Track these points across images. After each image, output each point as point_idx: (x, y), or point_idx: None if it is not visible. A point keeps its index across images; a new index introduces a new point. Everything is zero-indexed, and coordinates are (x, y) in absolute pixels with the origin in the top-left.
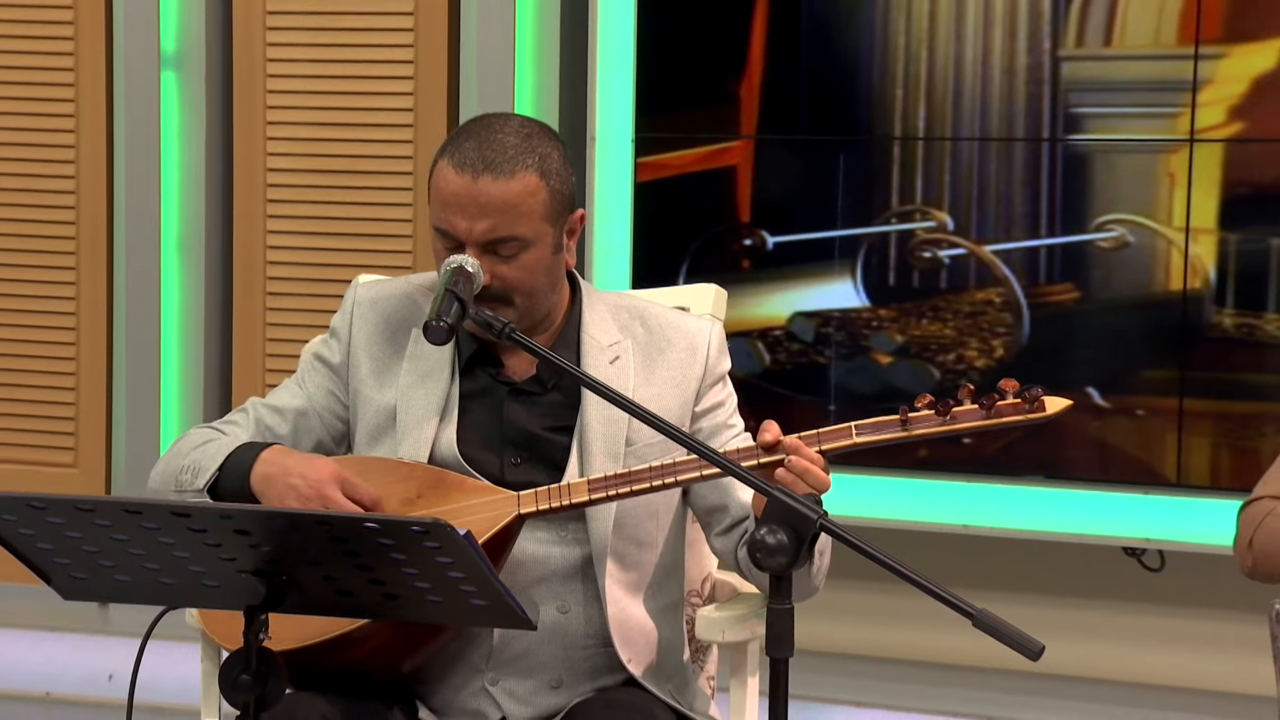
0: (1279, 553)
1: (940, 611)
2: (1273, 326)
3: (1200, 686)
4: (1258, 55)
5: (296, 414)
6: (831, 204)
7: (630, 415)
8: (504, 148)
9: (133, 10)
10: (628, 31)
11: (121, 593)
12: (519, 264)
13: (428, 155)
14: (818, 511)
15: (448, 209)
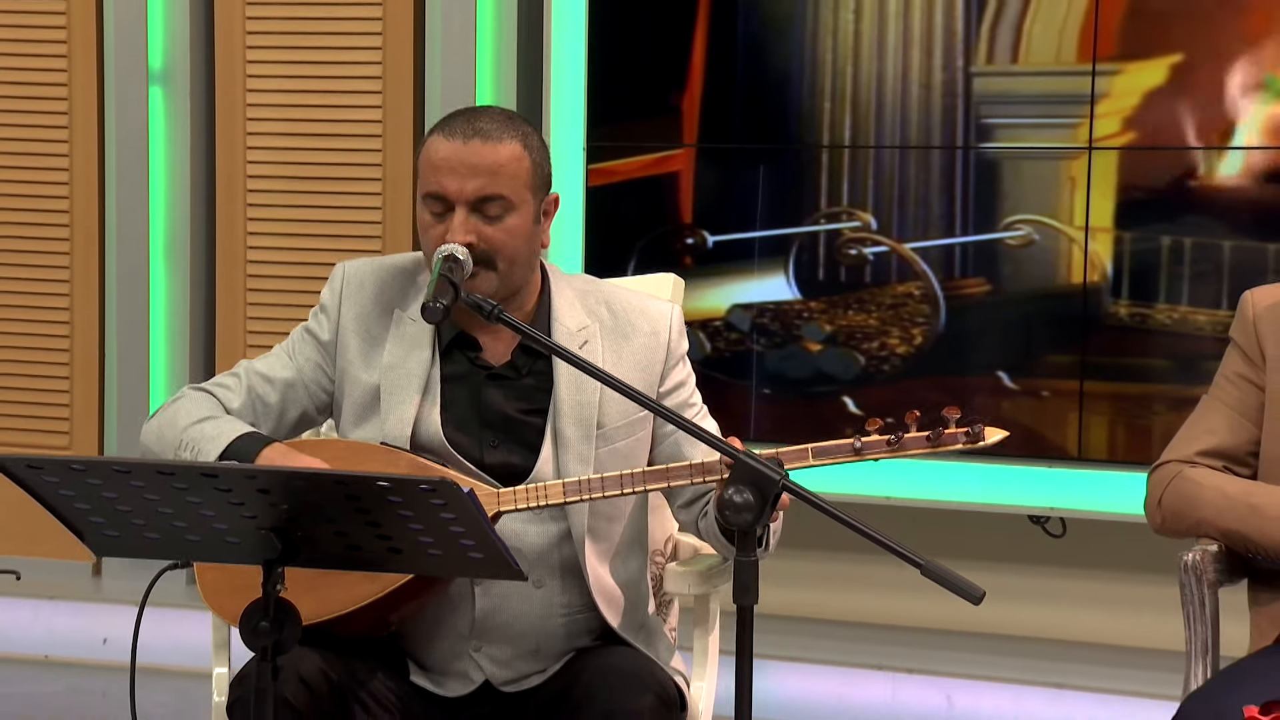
0: (1185, 511)
1: (876, 578)
2: (1163, 316)
3: (1099, 641)
4: (1149, 72)
5: (285, 385)
6: (766, 206)
7: (601, 399)
8: (491, 120)
9: (122, 30)
10: (579, 50)
11: (150, 549)
12: (504, 227)
13: (395, 163)
14: (780, 473)
15: (439, 173)
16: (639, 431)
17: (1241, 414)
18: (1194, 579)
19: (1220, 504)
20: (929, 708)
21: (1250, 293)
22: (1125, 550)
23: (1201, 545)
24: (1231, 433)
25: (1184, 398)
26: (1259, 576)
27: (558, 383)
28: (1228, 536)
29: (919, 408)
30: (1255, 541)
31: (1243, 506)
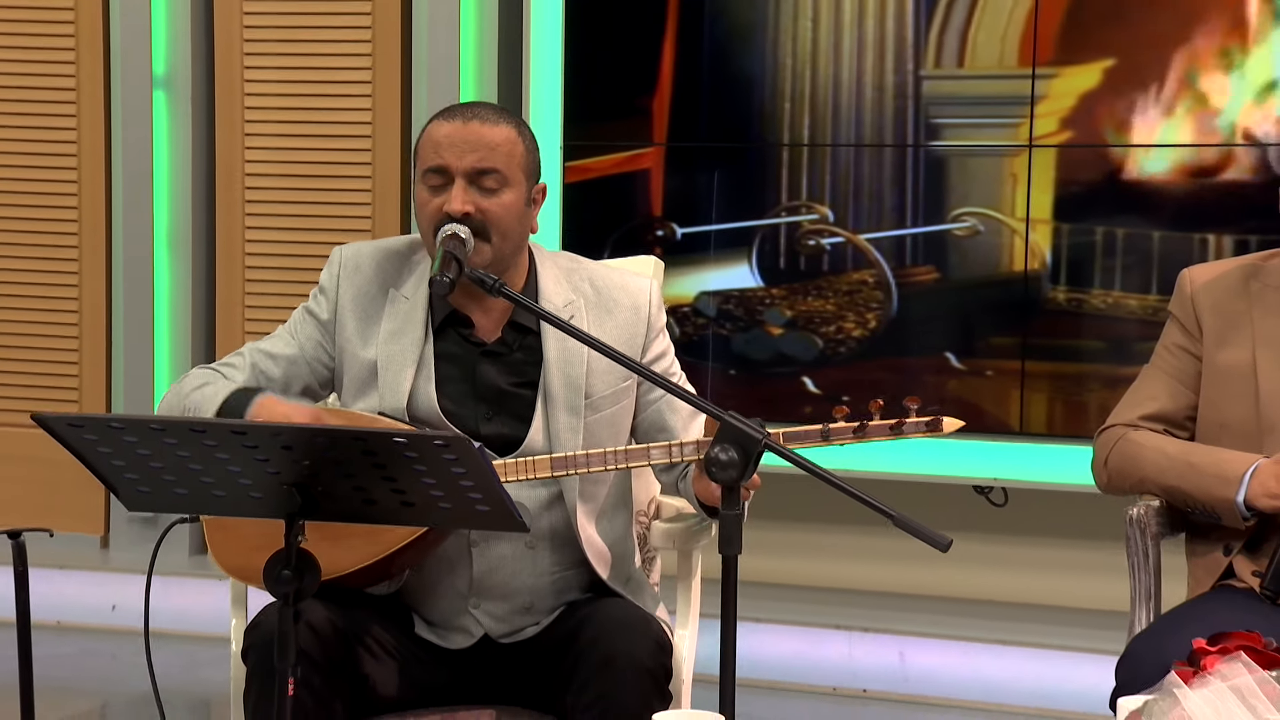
0: (1129, 470)
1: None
2: (1098, 301)
3: (1040, 602)
4: (1084, 75)
5: (288, 361)
6: (730, 200)
7: (587, 370)
8: (488, 108)
9: (128, 38)
10: (556, 57)
11: (179, 504)
12: (499, 200)
13: (384, 162)
14: (762, 432)
15: (440, 148)
16: (624, 400)
17: (1180, 381)
18: (1138, 532)
19: (1161, 463)
20: (883, 664)
21: (1188, 271)
22: (1063, 517)
23: (1145, 501)
24: (1171, 398)
25: (1118, 376)
26: (1196, 530)
27: (547, 356)
28: (1168, 493)
29: (880, 394)
30: (1193, 497)
31: (1182, 465)
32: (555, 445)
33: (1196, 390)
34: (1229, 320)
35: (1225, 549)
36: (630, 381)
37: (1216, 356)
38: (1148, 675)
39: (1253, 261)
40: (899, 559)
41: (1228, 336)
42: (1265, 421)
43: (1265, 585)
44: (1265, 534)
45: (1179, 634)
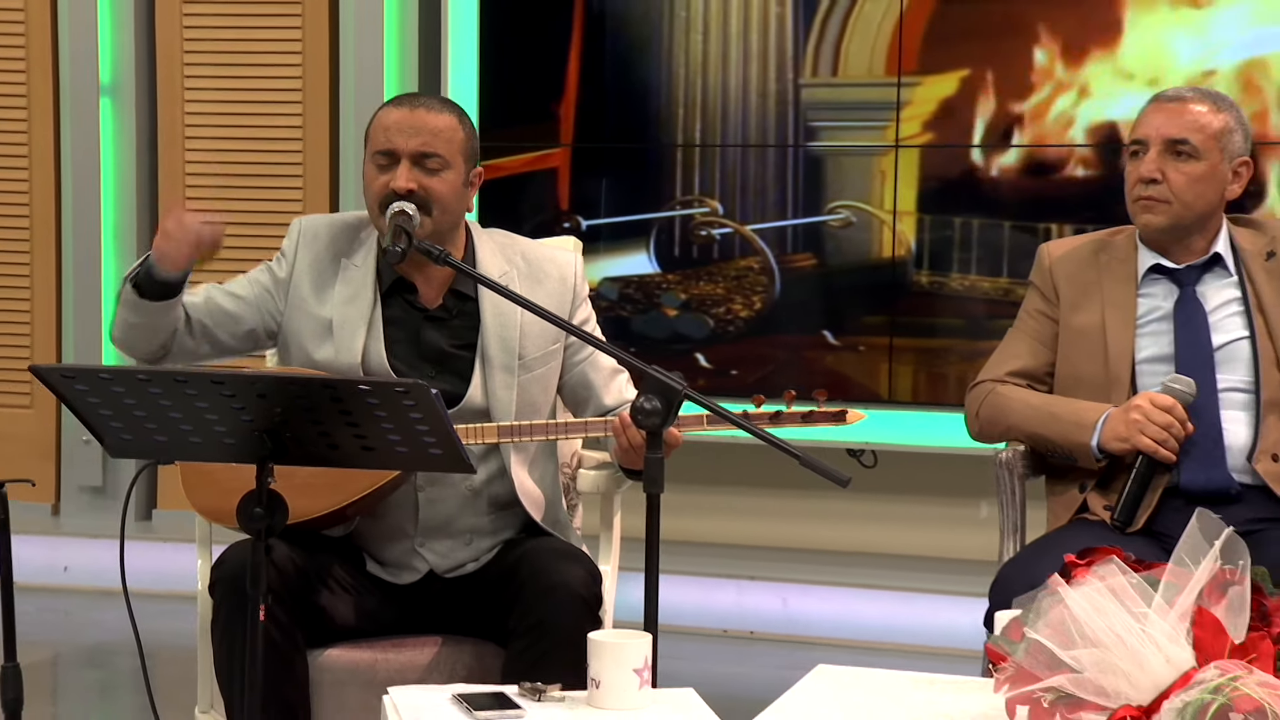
0: (997, 419)
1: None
2: (956, 284)
3: (907, 553)
4: (943, 84)
5: (240, 300)
6: (631, 195)
7: (521, 333)
8: (432, 98)
9: (76, 49)
10: (472, 66)
11: (159, 451)
12: (441, 179)
13: (314, 164)
14: (682, 384)
15: (389, 132)
16: (553, 361)
17: (1040, 342)
18: (1006, 472)
19: (1026, 413)
20: (768, 609)
21: (1045, 245)
22: (927, 476)
23: (1012, 447)
24: (1033, 356)
25: (974, 350)
26: (1054, 471)
27: (484, 321)
28: (1032, 439)
29: (765, 366)
30: (1054, 442)
31: (1044, 414)
32: (492, 401)
33: (1054, 349)
34: (1082, 288)
35: (1080, 487)
36: (559, 345)
37: (1071, 319)
38: (1018, 594)
39: (1101, 237)
40: (782, 517)
41: (1081, 302)
42: (1113, 375)
43: (1116, 516)
44: (1114, 473)
45: (1044, 559)
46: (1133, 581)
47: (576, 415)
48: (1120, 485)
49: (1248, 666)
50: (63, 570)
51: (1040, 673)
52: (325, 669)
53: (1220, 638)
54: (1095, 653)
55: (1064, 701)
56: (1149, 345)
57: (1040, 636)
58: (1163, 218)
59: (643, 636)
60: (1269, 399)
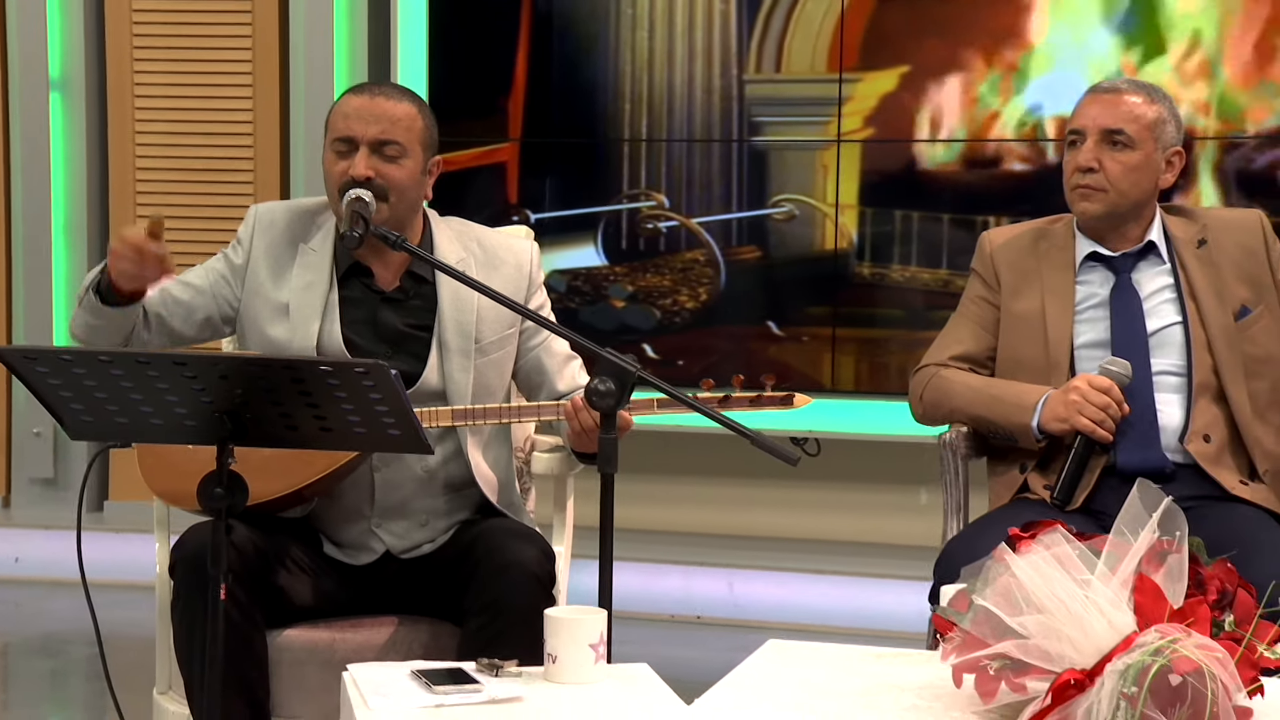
0: (941, 402)
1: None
2: (897, 275)
3: (849, 539)
4: (883, 80)
5: (195, 290)
6: (579, 189)
7: (477, 317)
8: (393, 87)
9: (25, 44)
10: (421, 62)
11: (120, 432)
12: (398, 167)
13: (265, 157)
14: (636, 366)
15: (349, 120)
16: (508, 345)
17: (982, 327)
18: (950, 453)
19: (968, 395)
20: (715, 594)
21: (987, 234)
22: (869, 464)
23: (955, 429)
24: (975, 341)
25: (915, 340)
26: (995, 453)
27: (441, 304)
28: (975, 421)
29: (711, 357)
30: (996, 423)
31: (986, 397)
32: (448, 384)
33: (996, 334)
34: (1022, 275)
35: (1021, 468)
36: (514, 330)
37: (1012, 305)
38: (962, 569)
39: (1040, 226)
40: (728, 504)
41: (1021, 288)
42: (1053, 359)
43: (1055, 495)
44: (1053, 454)
45: (987, 535)
46: (1076, 550)
47: (530, 400)
48: (1059, 465)
49: (1186, 630)
50: (14, 561)
51: (988, 639)
52: (284, 648)
53: (1160, 603)
54: (1041, 619)
55: (1009, 668)
56: (1087, 330)
57: (988, 603)
58: (1100, 205)
59: (598, 613)
60: (1200, 382)
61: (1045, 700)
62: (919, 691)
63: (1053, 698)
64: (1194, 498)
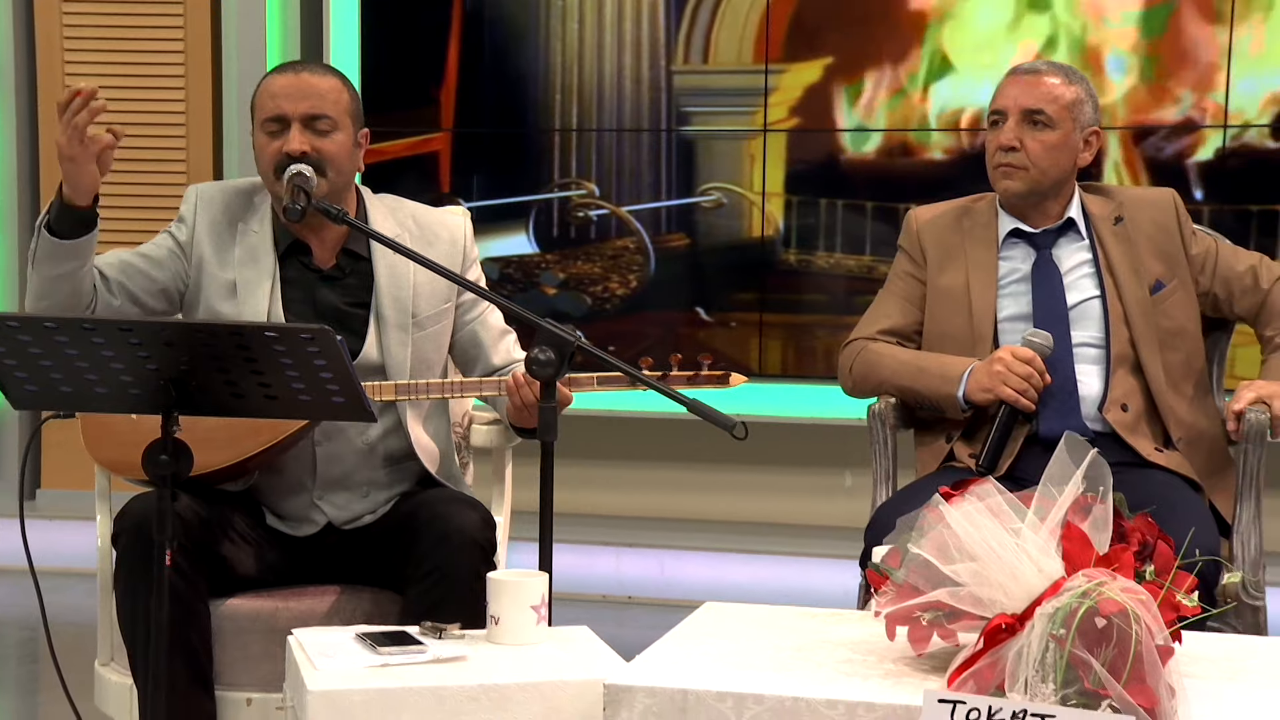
0: (870, 374)
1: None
2: (822, 261)
3: (778, 521)
4: (808, 71)
5: (153, 262)
6: (510, 178)
7: (414, 293)
8: (315, 64)
9: None
10: (354, 53)
11: (64, 401)
12: (332, 140)
13: (197, 151)
14: (575, 336)
15: (277, 99)
16: (444, 320)
17: (909, 301)
18: (879, 423)
19: (896, 368)
20: (646, 574)
21: (913, 211)
22: (795, 448)
23: (884, 400)
24: (902, 315)
25: (840, 325)
26: (922, 424)
27: (378, 280)
28: (902, 392)
29: (641, 342)
30: (923, 394)
31: (913, 369)
32: (387, 359)
33: (922, 309)
34: (947, 251)
35: (947, 437)
36: (450, 304)
37: (938, 280)
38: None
39: (965, 204)
40: (659, 488)
41: (946, 264)
42: (977, 332)
43: (980, 463)
44: (978, 424)
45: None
46: (1008, 501)
47: (466, 374)
48: (984, 435)
49: (1111, 574)
50: None
51: (923, 587)
52: (227, 617)
53: (1087, 549)
54: (973, 566)
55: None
56: (1009, 304)
57: (923, 552)
58: (1021, 183)
59: (539, 575)
60: (1118, 353)
61: (978, 644)
62: (853, 646)
63: (985, 642)
64: (1113, 464)
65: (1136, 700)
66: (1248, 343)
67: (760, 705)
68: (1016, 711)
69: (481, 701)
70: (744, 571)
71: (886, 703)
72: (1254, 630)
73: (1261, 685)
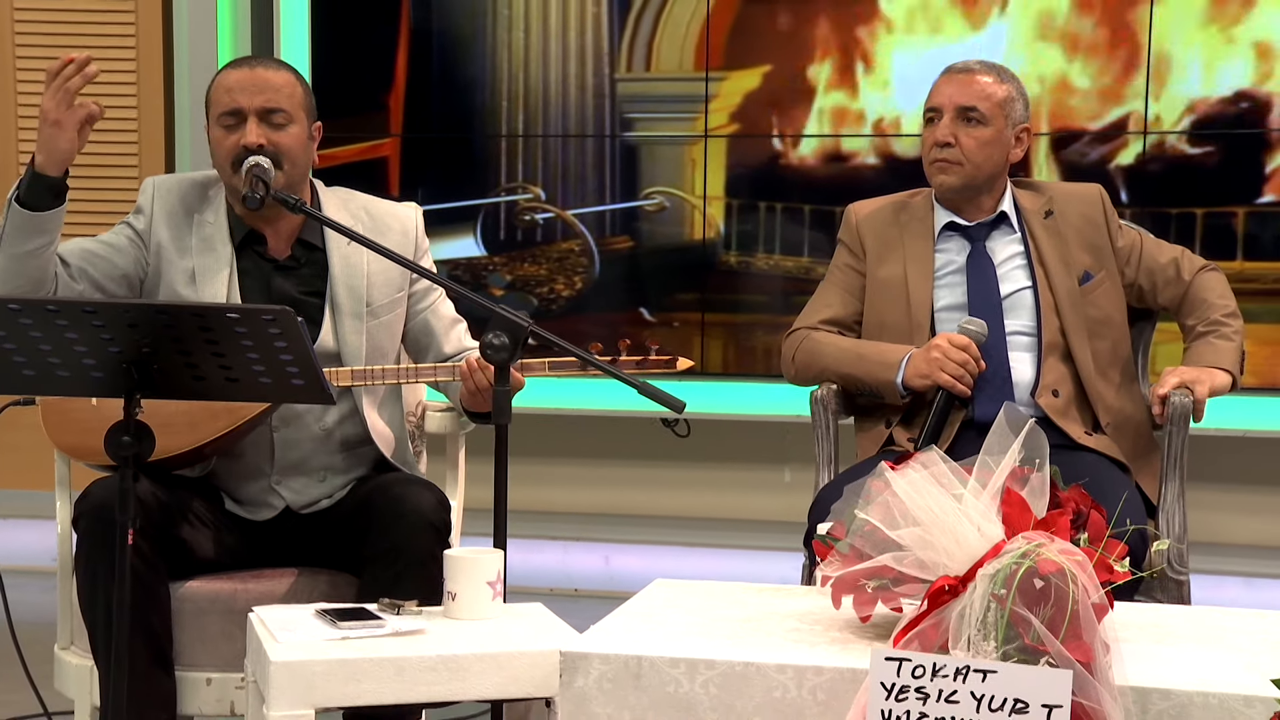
0: (812, 363)
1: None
2: (761, 263)
3: (720, 517)
4: (747, 78)
5: (114, 249)
6: (458, 183)
7: (368, 282)
8: (268, 59)
9: None
10: (304, 60)
11: (27, 385)
12: (288, 134)
13: (149, 153)
14: (528, 321)
15: (233, 93)
16: (398, 309)
17: (849, 292)
18: (821, 408)
19: (837, 355)
20: (592, 568)
21: (852, 206)
22: (737, 443)
23: (826, 386)
24: (843, 306)
25: (779, 324)
26: (862, 411)
27: (332, 270)
28: (844, 379)
29: (588, 343)
30: (863, 381)
31: (853, 356)
32: (342, 346)
33: (862, 299)
34: (885, 243)
35: (886, 422)
36: (403, 293)
37: (877, 272)
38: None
39: (902, 198)
40: (604, 484)
41: (885, 256)
42: (915, 321)
43: (918, 446)
44: (916, 410)
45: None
46: (951, 469)
47: (418, 361)
48: (922, 419)
49: (1050, 536)
50: None
51: (870, 552)
52: (186, 599)
53: (1025, 514)
54: (917, 531)
55: (885, 587)
56: (945, 295)
57: (870, 518)
58: (955, 178)
59: (495, 552)
60: (1049, 341)
61: (922, 605)
62: (799, 617)
63: (929, 603)
64: None
65: (1074, 655)
66: (1168, 340)
67: (712, 670)
68: (960, 667)
69: (440, 671)
70: (687, 564)
71: (834, 666)
72: (1179, 604)
73: (1188, 648)
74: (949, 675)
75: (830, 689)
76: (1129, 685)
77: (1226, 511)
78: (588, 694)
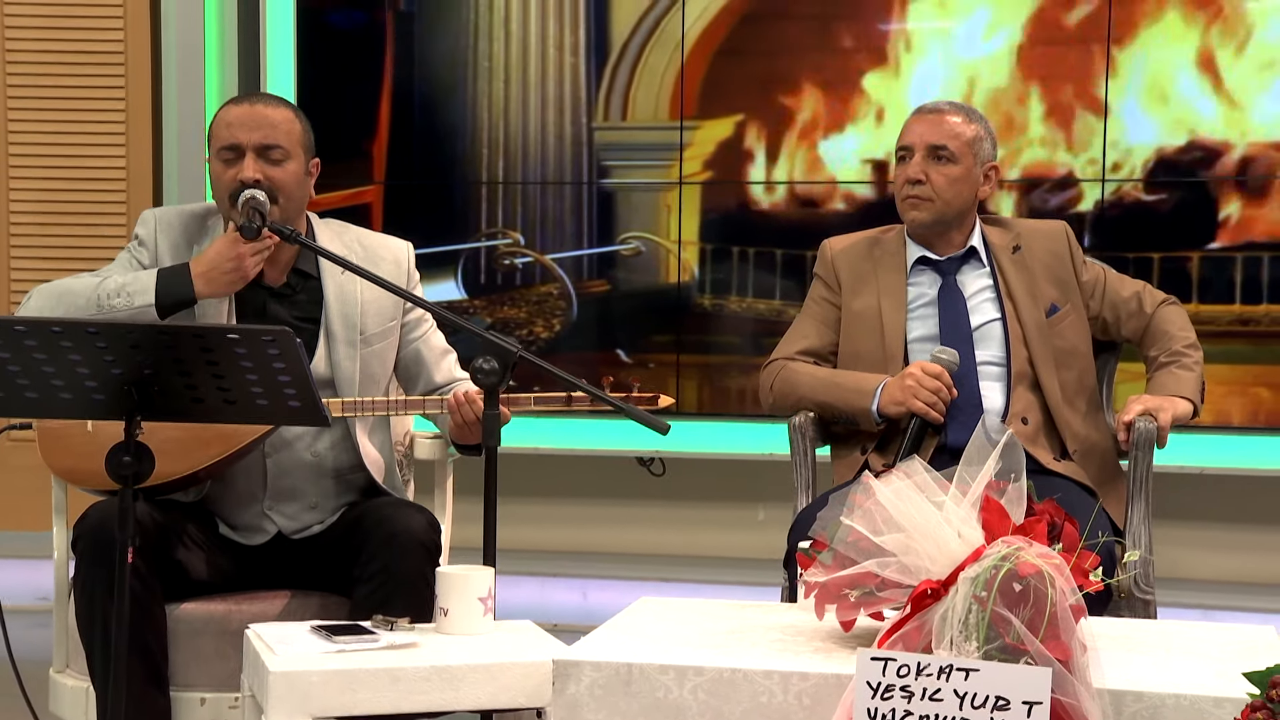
0: (789, 391)
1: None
2: (735, 305)
3: (695, 554)
4: (720, 127)
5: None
6: (439, 228)
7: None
8: (269, 95)
9: None
10: None
11: (28, 408)
12: (284, 170)
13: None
14: (517, 347)
15: (232, 128)
16: (390, 337)
17: (825, 324)
18: (799, 435)
19: (814, 384)
20: (569, 602)
21: (827, 241)
22: (711, 482)
23: (803, 414)
24: (819, 337)
25: (752, 365)
26: (838, 438)
27: (327, 298)
28: (820, 407)
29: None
30: (839, 409)
31: (829, 385)
32: (336, 373)
33: (837, 331)
34: (859, 277)
35: (862, 449)
36: (395, 322)
37: (851, 304)
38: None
39: (875, 234)
40: (582, 522)
41: (859, 289)
42: (888, 351)
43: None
44: (890, 435)
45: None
46: (933, 478)
47: (408, 390)
48: (896, 445)
49: (1028, 541)
50: None
51: (854, 558)
52: (181, 619)
53: (1004, 520)
54: (900, 537)
55: (868, 596)
56: (918, 326)
57: (855, 524)
58: (926, 214)
59: (486, 570)
60: (1018, 371)
61: (905, 609)
62: (783, 629)
63: (912, 606)
64: None
65: (1053, 654)
66: (1129, 379)
67: (701, 677)
68: (943, 665)
69: (434, 681)
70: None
71: (819, 671)
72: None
73: (1158, 655)
74: (933, 674)
75: (815, 694)
76: (1104, 689)
77: (1186, 546)
78: (580, 700)
